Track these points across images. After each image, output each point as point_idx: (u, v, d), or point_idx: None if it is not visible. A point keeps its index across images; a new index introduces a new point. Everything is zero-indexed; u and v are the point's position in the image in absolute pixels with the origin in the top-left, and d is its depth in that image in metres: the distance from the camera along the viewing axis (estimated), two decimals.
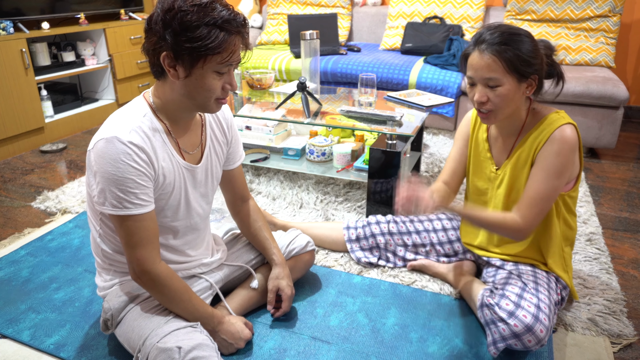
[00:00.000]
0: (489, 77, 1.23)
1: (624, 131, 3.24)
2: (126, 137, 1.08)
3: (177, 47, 1.04)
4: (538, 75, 1.25)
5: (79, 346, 1.34)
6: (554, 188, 1.27)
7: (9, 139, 2.83)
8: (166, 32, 1.04)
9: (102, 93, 3.62)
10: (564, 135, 1.25)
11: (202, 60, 1.06)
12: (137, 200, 1.10)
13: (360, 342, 1.35)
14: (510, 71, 1.21)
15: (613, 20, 3.02)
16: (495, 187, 1.43)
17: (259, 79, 2.53)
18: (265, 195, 2.25)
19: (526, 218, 1.28)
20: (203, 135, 1.29)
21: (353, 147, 2.21)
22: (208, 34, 1.03)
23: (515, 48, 1.20)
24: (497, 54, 1.21)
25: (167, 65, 1.08)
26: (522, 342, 1.20)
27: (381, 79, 3.06)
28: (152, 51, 1.09)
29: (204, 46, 1.03)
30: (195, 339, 1.13)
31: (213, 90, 1.11)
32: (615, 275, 1.66)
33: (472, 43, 1.27)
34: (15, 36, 2.79)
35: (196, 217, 1.30)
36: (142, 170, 1.10)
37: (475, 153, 1.49)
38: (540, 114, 1.33)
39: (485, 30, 1.25)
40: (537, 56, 1.23)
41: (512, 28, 1.23)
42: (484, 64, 1.22)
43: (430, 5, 3.46)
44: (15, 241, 1.91)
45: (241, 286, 1.45)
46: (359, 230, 1.71)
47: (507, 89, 1.23)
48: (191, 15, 1.02)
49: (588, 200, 2.20)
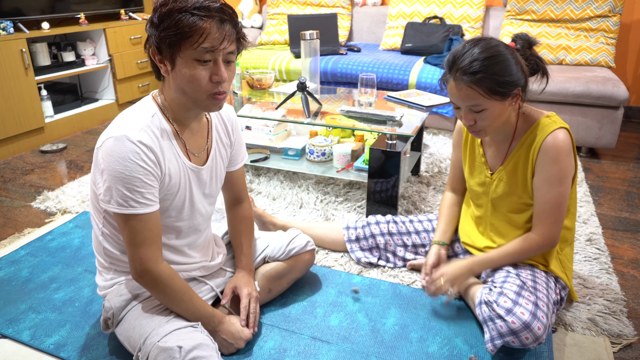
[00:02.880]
0: (471, 105, 1.22)
1: (624, 131, 3.24)
2: (135, 136, 1.08)
3: (157, 40, 1.07)
4: (521, 85, 1.23)
5: (79, 346, 1.34)
6: (560, 194, 1.28)
7: (9, 139, 2.83)
8: (151, 28, 1.08)
9: (102, 93, 3.62)
10: (556, 141, 1.24)
11: (178, 48, 1.06)
12: (143, 200, 1.11)
13: (360, 342, 1.35)
14: (491, 96, 1.20)
15: (613, 20, 3.03)
16: (490, 191, 1.43)
17: (259, 79, 2.53)
18: (265, 195, 2.25)
19: (542, 232, 1.32)
20: (209, 137, 1.29)
21: (353, 147, 2.21)
22: (179, 21, 1.04)
23: (492, 73, 1.17)
24: (473, 84, 1.19)
25: (158, 61, 1.10)
26: (519, 339, 1.20)
27: (381, 79, 3.06)
28: (146, 50, 1.12)
29: (175, 33, 1.04)
30: (196, 338, 1.13)
31: (197, 80, 1.08)
32: (615, 275, 1.66)
33: (447, 68, 1.24)
34: (15, 36, 2.79)
35: (199, 217, 1.30)
36: (150, 169, 1.10)
37: (470, 158, 1.49)
38: (532, 118, 1.32)
39: (460, 55, 1.20)
40: (517, 71, 1.20)
41: (487, 49, 1.18)
42: (463, 94, 1.21)
43: (430, 5, 3.46)
44: (15, 241, 1.91)
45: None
46: (358, 230, 1.71)
47: (492, 111, 1.22)
48: (168, 6, 1.05)
49: (588, 200, 2.20)
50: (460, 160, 1.56)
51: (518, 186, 1.35)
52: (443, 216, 1.61)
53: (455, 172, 1.61)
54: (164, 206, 1.20)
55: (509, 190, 1.37)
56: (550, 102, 2.75)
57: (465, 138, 1.51)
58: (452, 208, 1.62)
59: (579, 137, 2.75)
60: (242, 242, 1.45)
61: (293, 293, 1.56)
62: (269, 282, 1.47)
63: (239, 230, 1.46)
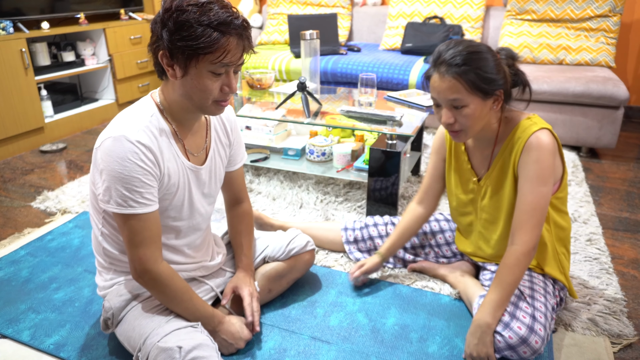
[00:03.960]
0: (452, 99, 1.20)
1: (624, 131, 3.24)
2: (134, 137, 1.08)
3: (171, 46, 1.04)
4: (503, 89, 1.22)
5: (79, 346, 1.34)
6: (542, 195, 1.23)
7: (9, 139, 2.83)
8: (163, 31, 1.05)
9: (102, 93, 3.62)
10: (539, 141, 1.22)
11: (195, 60, 1.05)
12: (142, 200, 1.10)
13: (360, 342, 1.35)
14: (473, 91, 1.19)
15: (613, 20, 3.02)
16: (479, 198, 1.41)
17: (259, 79, 2.53)
18: (265, 195, 2.25)
19: (522, 239, 1.24)
20: (208, 137, 1.29)
21: (353, 147, 2.21)
22: (202, 33, 1.02)
23: (476, 67, 1.17)
24: (457, 76, 1.18)
25: (166, 65, 1.08)
26: (517, 353, 1.20)
27: (381, 79, 3.06)
28: (152, 50, 1.09)
29: (196, 45, 1.03)
30: (196, 338, 1.13)
31: (209, 91, 1.09)
32: (615, 275, 1.66)
33: (431, 63, 1.24)
34: (15, 36, 2.79)
35: (199, 217, 1.30)
36: (149, 169, 1.10)
37: (456, 165, 1.46)
38: (513, 121, 1.30)
39: (445, 50, 1.21)
40: (499, 71, 1.20)
41: (471, 46, 1.20)
42: (445, 86, 1.20)
43: (430, 5, 3.46)
44: (15, 241, 1.91)
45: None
46: (356, 232, 1.71)
47: (473, 108, 1.21)
48: (187, 15, 1.02)
49: (588, 200, 2.20)
50: (438, 169, 1.51)
51: (505, 191, 1.33)
52: (399, 228, 1.56)
53: (428, 182, 1.54)
54: (163, 206, 1.20)
55: (498, 195, 1.35)
56: (550, 102, 2.75)
57: (449, 145, 1.47)
58: (412, 224, 1.55)
59: (579, 137, 2.75)
60: (242, 242, 1.45)
61: (293, 293, 1.56)
62: (269, 282, 1.47)
63: (239, 230, 1.46)
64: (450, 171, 1.48)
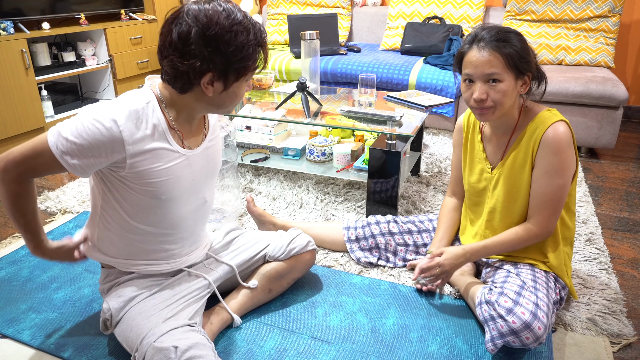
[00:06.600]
0: (490, 72, 1.25)
1: (623, 131, 3.24)
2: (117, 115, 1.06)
3: (227, 68, 1.08)
4: (532, 73, 1.29)
5: (79, 346, 1.34)
6: (559, 187, 1.29)
7: (9, 139, 2.83)
8: (214, 55, 1.05)
9: (102, 93, 3.62)
10: (557, 133, 1.26)
11: (243, 76, 1.12)
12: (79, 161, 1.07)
13: (360, 342, 1.35)
14: (509, 66, 1.24)
15: (612, 21, 3.03)
16: (491, 187, 1.43)
17: (259, 79, 2.53)
18: (265, 195, 2.25)
19: (540, 223, 1.33)
20: (206, 127, 1.29)
21: (353, 147, 2.21)
22: (253, 52, 1.09)
23: (513, 44, 1.24)
24: (496, 49, 1.24)
25: (206, 84, 1.09)
26: (520, 339, 1.20)
27: (381, 79, 3.07)
28: (193, 72, 1.06)
29: (251, 65, 1.11)
30: (192, 338, 1.13)
31: (241, 96, 1.17)
32: (615, 275, 1.66)
33: (467, 42, 1.30)
34: (16, 36, 2.79)
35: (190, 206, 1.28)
36: (107, 150, 1.07)
37: (470, 155, 1.50)
38: (533, 111, 1.35)
39: (480, 30, 1.28)
40: (529, 54, 1.27)
41: (504, 27, 1.27)
42: (484, 59, 1.25)
43: (430, 5, 3.46)
44: (15, 241, 1.91)
45: (240, 286, 1.45)
46: (358, 230, 1.72)
47: (507, 85, 1.26)
48: (239, 37, 1.06)
49: (588, 200, 2.20)
50: (461, 160, 1.57)
51: (517, 179, 1.36)
52: (442, 222, 1.62)
53: (456, 174, 1.62)
54: (154, 192, 1.17)
55: (512, 184, 1.38)
56: (550, 102, 2.75)
57: (465, 136, 1.52)
58: (452, 214, 1.62)
59: (579, 137, 2.75)
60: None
61: (293, 293, 1.56)
62: (270, 282, 1.47)
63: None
64: (465, 161, 1.53)
